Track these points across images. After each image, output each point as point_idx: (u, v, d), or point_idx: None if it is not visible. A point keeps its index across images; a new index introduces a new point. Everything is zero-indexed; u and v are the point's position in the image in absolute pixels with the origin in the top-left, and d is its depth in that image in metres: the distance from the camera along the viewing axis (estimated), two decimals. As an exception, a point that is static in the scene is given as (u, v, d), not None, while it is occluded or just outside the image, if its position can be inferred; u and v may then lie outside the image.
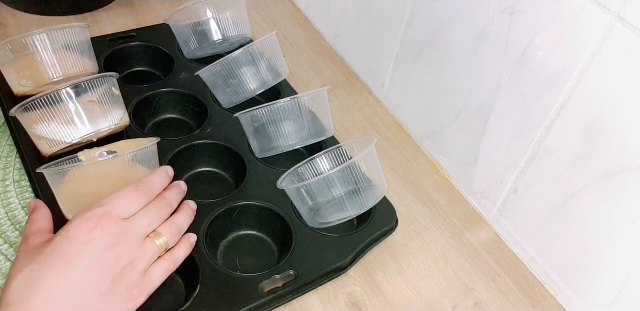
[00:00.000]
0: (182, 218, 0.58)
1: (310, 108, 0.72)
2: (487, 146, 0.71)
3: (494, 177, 0.71)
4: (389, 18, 0.81)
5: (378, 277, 0.67)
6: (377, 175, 0.66)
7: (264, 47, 0.77)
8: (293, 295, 0.62)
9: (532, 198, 0.66)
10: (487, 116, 0.69)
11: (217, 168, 0.75)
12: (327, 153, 0.70)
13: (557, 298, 0.67)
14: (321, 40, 1.01)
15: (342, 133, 0.83)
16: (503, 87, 0.65)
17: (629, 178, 0.54)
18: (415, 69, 0.79)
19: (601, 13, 0.52)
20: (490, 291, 0.67)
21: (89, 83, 0.66)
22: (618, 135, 0.54)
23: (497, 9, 0.62)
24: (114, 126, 0.68)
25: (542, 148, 0.63)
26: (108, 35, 0.88)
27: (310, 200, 0.64)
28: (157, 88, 0.80)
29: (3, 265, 0.63)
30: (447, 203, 0.76)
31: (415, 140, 0.84)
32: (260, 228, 0.69)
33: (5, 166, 0.73)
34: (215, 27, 0.83)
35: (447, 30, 0.71)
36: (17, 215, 0.68)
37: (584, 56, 0.54)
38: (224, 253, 0.66)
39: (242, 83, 0.77)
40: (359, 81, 0.93)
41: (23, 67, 0.72)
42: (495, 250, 0.72)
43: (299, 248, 0.64)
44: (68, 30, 0.72)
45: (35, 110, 0.64)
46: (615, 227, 0.57)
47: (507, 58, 0.63)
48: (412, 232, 0.72)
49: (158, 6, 1.01)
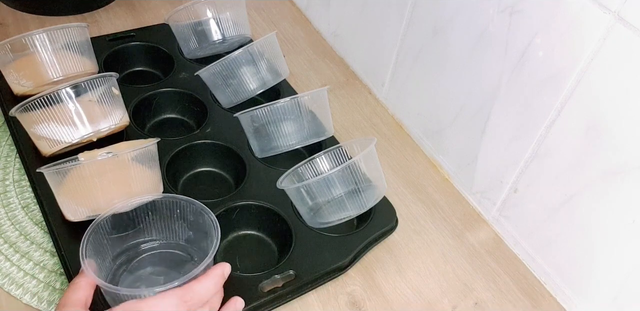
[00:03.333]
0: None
1: (310, 108, 0.72)
2: (487, 146, 0.71)
3: (494, 177, 0.71)
4: (389, 18, 0.81)
5: (378, 277, 0.67)
6: (377, 175, 0.66)
7: (264, 47, 0.77)
8: (293, 295, 0.62)
9: (532, 198, 0.66)
10: (487, 116, 0.69)
11: (217, 168, 0.75)
12: (327, 153, 0.71)
13: (557, 298, 0.67)
14: (321, 40, 1.01)
15: (342, 133, 0.83)
16: (503, 87, 0.65)
17: (629, 178, 0.54)
18: (415, 69, 0.79)
19: (601, 13, 0.52)
20: (490, 291, 0.67)
21: (89, 83, 0.66)
22: (618, 135, 0.54)
23: (497, 9, 0.62)
24: (113, 126, 0.68)
25: (542, 148, 0.63)
26: (108, 35, 0.88)
27: (310, 200, 0.64)
28: (157, 88, 0.80)
29: (3, 265, 0.63)
30: (447, 203, 0.76)
31: (415, 140, 0.84)
32: (260, 228, 0.69)
33: (5, 166, 0.73)
34: (215, 27, 0.83)
35: (447, 30, 0.71)
36: (17, 215, 0.68)
37: (584, 56, 0.54)
38: (224, 253, 0.66)
39: (242, 83, 0.77)
40: (359, 81, 0.93)
41: (23, 67, 0.72)
42: (495, 250, 0.72)
43: (299, 248, 0.64)
44: (68, 30, 0.72)
45: (35, 110, 0.64)
46: (615, 227, 0.57)
47: (507, 58, 0.63)
48: (412, 231, 0.72)
49: (158, 6, 1.01)
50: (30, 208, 0.69)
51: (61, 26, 0.71)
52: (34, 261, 0.64)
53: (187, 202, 0.57)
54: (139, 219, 0.59)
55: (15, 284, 0.62)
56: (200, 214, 0.57)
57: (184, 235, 0.61)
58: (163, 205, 0.59)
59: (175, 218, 0.59)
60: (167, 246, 0.61)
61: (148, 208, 0.59)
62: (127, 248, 0.60)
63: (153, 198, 0.58)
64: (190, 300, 0.48)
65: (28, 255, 0.64)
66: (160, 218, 0.60)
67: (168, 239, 0.61)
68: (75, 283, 0.51)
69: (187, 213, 0.58)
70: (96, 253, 0.55)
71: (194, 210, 0.58)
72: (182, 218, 0.59)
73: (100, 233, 0.56)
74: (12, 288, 0.61)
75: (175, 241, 0.61)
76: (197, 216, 0.58)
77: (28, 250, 0.65)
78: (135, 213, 0.59)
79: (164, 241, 0.61)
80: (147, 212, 0.59)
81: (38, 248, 0.65)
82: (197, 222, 0.58)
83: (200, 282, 0.49)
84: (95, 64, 0.77)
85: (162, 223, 0.61)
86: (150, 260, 0.60)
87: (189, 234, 0.61)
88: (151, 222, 0.60)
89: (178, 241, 0.61)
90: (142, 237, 0.61)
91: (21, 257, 0.64)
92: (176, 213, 0.59)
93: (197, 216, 0.58)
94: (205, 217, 0.56)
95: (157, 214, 0.60)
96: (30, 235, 0.66)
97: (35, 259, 0.64)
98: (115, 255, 0.59)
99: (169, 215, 0.59)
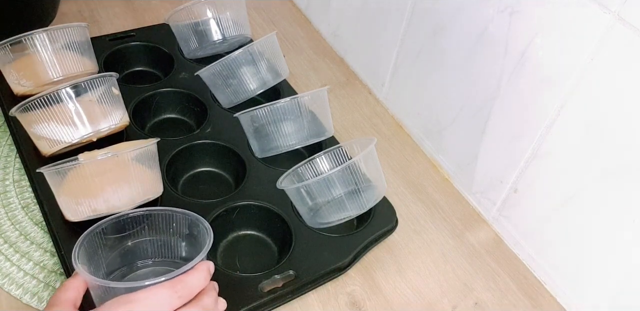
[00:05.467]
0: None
1: (310, 109, 0.72)
2: (487, 146, 0.71)
3: (494, 177, 0.71)
4: (389, 18, 0.81)
5: (378, 277, 0.67)
6: (377, 175, 0.66)
7: (264, 47, 0.77)
8: (293, 295, 0.62)
9: (532, 198, 0.66)
10: (487, 116, 0.69)
11: (217, 168, 0.75)
12: (327, 154, 0.70)
13: (557, 298, 0.67)
14: (321, 40, 1.01)
15: (342, 133, 0.83)
16: (503, 87, 0.65)
17: (629, 178, 0.54)
18: (415, 69, 0.79)
19: (601, 13, 0.52)
20: (490, 291, 0.67)
21: (89, 83, 0.66)
22: (618, 135, 0.54)
23: (497, 9, 0.62)
24: (113, 126, 0.68)
25: (542, 148, 0.63)
26: (108, 35, 0.88)
27: (310, 200, 0.64)
28: (157, 88, 0.80)
29: (3, 265, 0.63)
30: (447, 203, 0.76)
31: (415, 140, 0.84)
32: (260, 228, 0.69)
33: (5, 166, 0.73)
34: (216, 27, 0.83)
35: (447, 30, 0.71)
36: (17, 215, 0.68)
37: (584, 56, 0.54)
38: (223, 253, 0.66)
39: (242, 83, 0.77)
40: (359, 81, 0.94)
41: (23, 67, 0.72)
42: (495, 250, 0.72)
43: (299, 249, 0.64)
44: (68, 30, 0.72)
45: (35, 110, 0.64)
46: (616, 227, 0.57)
47: (507, 58, 0.63)
48: (412, 232, 0.72)
49: (158, 6, 1.01)
50: (30, 208, 0.69)
51: (61, 26, 0.71)
52: (34, 261, 0.64)
53: (182, 213, 0.56)
54: (134, 236, 0.58)
55: (15, 284, 0.62)
56: (195, 224, 0.56)
57: (179, 253, 0.60)
58: (159, 218, 0.58)
59: (171, 233, 0.58)
60: (162, 264, 0.60)
61: (144, 221, 0.58)
62: (122, 265, 0.59)
63: (149, 211, 0.57)
64: (182, 290, 0.48)
65: (28, 255, 0.64)
66: (156, 233, 0.59)
67: (164, 257, 0.60)
68: (65, 284, 0.51)
69: (182, 226, 0.57)
70: (89, 260, 0.54)
71: (189, 222, 0.57)
72: (178, 233, 0.58)
73: (94, 241, 0.55)
74: (12, 288, 0.62)
75: (171, 259, 0.60)
76: (192, 228, 0.57)
77: (28, 250, 0.65)
78: (130, 226, 0.57)
79: (159, 259, 0.60)
80: (144, 227, 0.58)
81: (38, 248, 0.65)
82: (192, 235, 0.57)
83: (189, 275, 0.50)
84: (95, 63, 0.77)
85: (158, 240, 0.59)
86: (144, 276, 0.59)
87: (185, 250, 0.59)
88: (147, 238, 0.59)
89: (174, 259, 0.60)
90: (138, 254, 0.59)
91: (21, 257, 0.64)
92: (172, 227, 0.58)
93: (192, 228, 0.57)
94: (200, 226, 0.55)
95: (152, 228, 0.58)
96: (30, 235, 0.66)
97: (35, 259, 0.64)
98: (109, 272, 0.58)
99: (164, 230, 0.58)
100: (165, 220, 0.58)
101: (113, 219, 0.56)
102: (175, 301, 0.47)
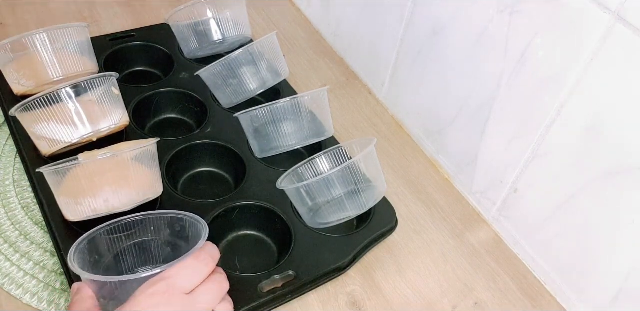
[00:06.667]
0: None
1: (310, 109, 0.72)
2: (487, 146, 0.71)
3: (494, 177, 0.71)
4: (389, 18, 0.81)
5: (378, 277, 0.67)
6: (377, 176, 0.66)
7: (264, 47, 0.77)
8: (293, 295, 0.62)
9: (532, 198, 0.66)
10: (487, 116, 0.69)
11: (217, 168, 0.75)
12: (327, 154, 0.70)
13: (557, 298, 0.67)
14: (321, 40, 1.01)
15: (342, 133, 0.83)
16: (503, 87, 0.65)
17: (629, 178, 0.54)
18: (415, 69, 0.79)
19: (601, 13, 0.52)
20: (490, 291, 0.67)
21: (89, 83, 0.66)
22: (618, 135, 0.54)
23: (497, 9, 0.62)
24: (113, 126, 0.68)
25: (542, 148, 0.63)
26: (108, 35, 0.88)
27: (310, 200, 0.64)
28: (157, 88, 0.80)
29: (3, 265, 0.63)
30: (447, 203, 0.76)
31: (415, 140, 0.84)
32: (260, 229, 0.69)
33: (5, 166, 0.73)
34: (216, 27, 0.83)
35: (447, 30, 0.71)
36: (17, 215, 0.68)
37: (584, 56, 0.54)
38: (223, 253, 0.65)
39: (242, 83, 0.77)
40: (359, 81, 0.93)
41: (23, 67, 0.72)
42: (495, 250, 0.72)
43: (299, 249, 0.64)
44: (68, 30, 0.72)
45: (35, 110, 0.64)
46: (616, 227, 0.57)
47: (507, 58, 0.63)
48: (412, 232, 0.72)
49: (158, 6, 1.01)
50: (30, 208, 0.69)
51: (61, 26, 0.71)
52: (34, 261, 0.64)
53: (178, 217, 0.56)
54: (125, 254, 0.58)
55: (15, 284, 0.62)
56: (181, 220, 0.56)
57: (180, 254, 0.59)
58: (156, 222, 0.57)
59: (166, 243, 0.58)
60: None
61: (134, 226, 0.57)
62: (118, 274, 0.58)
63: (143, 216, 0.57)
64: (205, 259, 0.51)
65: (28, 255, 0.64)
66: (151, 243, 0.58)
67: (164, 261, 0.59)
68: (74, 299, 0.51)
69: (170, 226, 0.57)
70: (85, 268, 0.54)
71: (173, 221, 0.56)
72: (174, 240, 0.58)
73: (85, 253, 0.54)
74: (12, 288, 0.62)
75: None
76: (174, 225, 0.57)
77: (28, 250, 0.65)
78: (117, 243, 0.57)
79: (158, 264, 0.59)
80: (135, 232, 0.57)
81: (38, 248, 0.65)
82: (186, 232, 0.57)
83: (205, 246, 0.52)
84: (95, 63, 0.77)
85: (151, 250, 0.59)
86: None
87: (186, 251, 0.59)
88: (139, 250, 0.58)
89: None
90: (135, 261, 0.59)
91: (21, 257, 0.64)
92: (167, 232, 0.57)
93: (174, 225, 0.57)
94: (185, 220, 0.55)
95: (145, 233, 0.58)
96: (30, 235, 0.66)
97: (35, 259, 0.64)
98: None
99: (159, 238, 0.58)
100: (154, 223, 0.57)
101: (98, 230, 0.55)
102: (204, 269, 0.50)
